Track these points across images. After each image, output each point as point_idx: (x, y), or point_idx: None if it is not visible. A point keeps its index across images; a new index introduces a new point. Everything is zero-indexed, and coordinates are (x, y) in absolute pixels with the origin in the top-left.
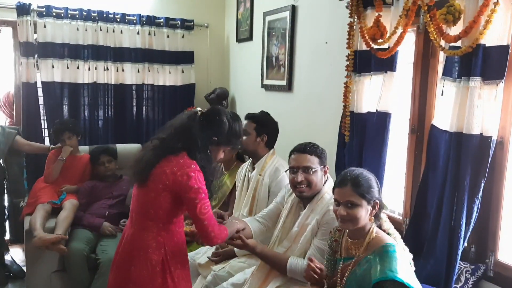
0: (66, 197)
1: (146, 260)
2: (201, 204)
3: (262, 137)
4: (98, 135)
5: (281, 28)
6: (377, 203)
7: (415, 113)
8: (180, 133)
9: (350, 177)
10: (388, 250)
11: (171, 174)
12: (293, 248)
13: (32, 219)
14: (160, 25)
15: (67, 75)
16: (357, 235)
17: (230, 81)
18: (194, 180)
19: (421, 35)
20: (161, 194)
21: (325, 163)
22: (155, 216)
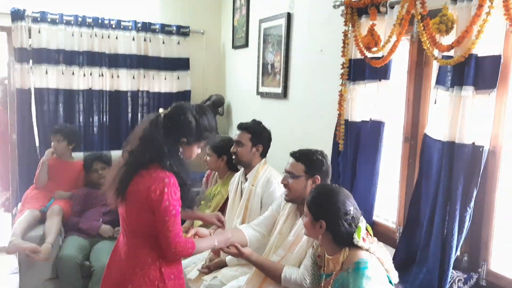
0: (54, 203)
1: (144, 276)
2: (170, 222)
3: (257, 148)
4: (93, 141)
5: (277, 35)
6: (322, 223)
7: (408, 121)
8: (146, 143)
9: (312, 189)
10: (360, 267)
11: (145, 190)
12: (288, 257)
13: (16, 224)
14: (156, 32)
15: (62, 81)
16: (331, 251)
17: (226, 88)
18: (166, 196)
19: (415, 44)
20: (141, 212)
21: (313, 172)
22: (143, 233)
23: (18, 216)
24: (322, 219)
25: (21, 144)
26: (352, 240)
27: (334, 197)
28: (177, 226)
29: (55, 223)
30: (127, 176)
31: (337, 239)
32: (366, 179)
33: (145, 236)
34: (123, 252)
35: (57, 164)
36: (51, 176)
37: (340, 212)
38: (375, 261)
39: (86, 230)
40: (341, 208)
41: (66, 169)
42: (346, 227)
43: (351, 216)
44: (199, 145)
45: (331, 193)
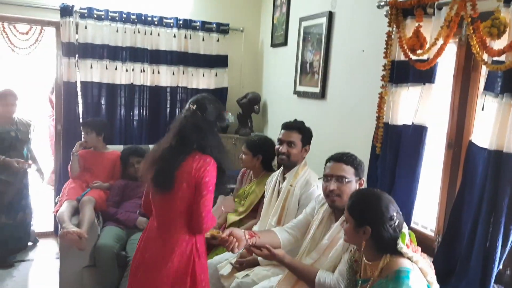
0: (87, 194)
1: (182, 254)
2: (206, 198)
3: (306, 148)
4: (133, 135)
5: (317, 34)
6: (368, 229)
7: (453, 127)
8: (188, 133)
9: (353, 194)
10: (400, 276)
11: (192, 169)
12: (321, 260)
13: (59, 215)
14: (196, 29)
15: (105, 75)
16: (371, 257)
17: (262, 86)
18: (208, 172)
19: (463, 48)
20: (187, 191)
21: (361, 175)
22: (184, 213)
23: (58, 207)
24: (367, 225)
25: (66, 136)
26: (395, 246)
27: (378, 201)
28: (210, 203)
29: (87, 213)
30: (176, 163)
31: (381, 245)
32: (406, 184)
33: (186, 215)
34: (159, 235)
35: (91, 155)
36: (87, 167)
37: (385, 217)
38: (417, 271)
39: (123, 221)
40: (385, 213)
41: (100, 160)
42: (390, 232)
43: (395, 221)
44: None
45: (374, 198)
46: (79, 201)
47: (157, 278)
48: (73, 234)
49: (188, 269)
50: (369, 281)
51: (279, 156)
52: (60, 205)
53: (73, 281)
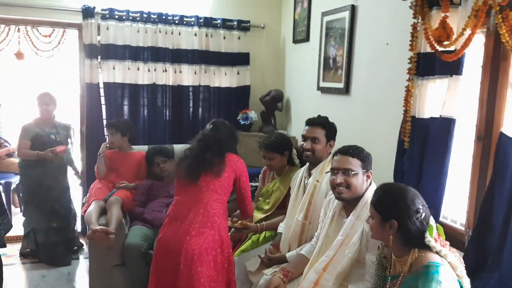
0: (114, 194)
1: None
2: (249, 188)
3: (330, 144)
4: (156, 135)
5: (340, 29)
6: (394, 223)
7: (482, 119)
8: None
9: (377, 189)
10: (430, 271)
11: (236, 162)
12: (337, 257)
13: (87, 215)
14: (217, 27)
15: (128, 76)
16: (397, 253)
17: (285, 83)
18: (245, 167)
19: (491, 37)
20: (229, 182)
21: (368, 167)
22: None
23: (86, 208)
24: (393, 219)
25: (90, 137)
26: (423, 239)
27: (403, 195)
28: (250, 193)
29: (114, 213)
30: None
31: (408, 239)
32: (434, 178)
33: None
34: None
35: (117, 156)
36: (113, 167)
37: (411, 210)
38: (446, 266)
39: (150, 220)
40: (411, 206)
41: (126, 160)
42: (417, 225)
43: (421, 214)
44: None
45: (399, 191)
46: (106, 201)
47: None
48: (100, 232)
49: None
50: (398, 277)
51: (304, 152)
52: (87, 206)
53: (103, 280)
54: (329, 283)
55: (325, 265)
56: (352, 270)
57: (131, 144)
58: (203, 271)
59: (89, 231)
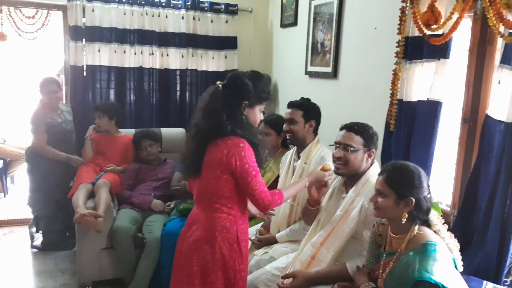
0: (102, 177)
1: (225, 239)
2: (253, 182)
3: (310, 124)
4: (143, 119)
5: (328, 13)
6: (411, 200)
7: (468, 102)
8: (209, 115)
9: (388, 168)
10: (428, 249)
11: (223, 156)
12: (335, 232)
13: (74, 198)
14: (205, 10)
15: (114, 59)
16: (397, 230)
17: (273, 68)
18: (245, 159)
19: (478, 21)
20: (222, 178)
21: (371, 146)
22: (222, 200)
23: (73, 191)
24: (411, 196)
25: (76, 120)
26: (427, 216)
27: (416, 172)
28: (260, 184)
29: (102, 196)
30: (199, 151)
31: (417, 216)
32: (421, 161)
33: (223, 202)
34: (201, 222)
35: (104, 139)
36: (100, 150)
37: (423, 188)
38: (443, 244)
39: (138, 204)
40: (423, 183)
41: (113, 144)
42: (428, 203)
43: (430, 191)
44: (260, 108)
45: (412, 169)
46: (94, 185)
47: (201, 262)
48: (89, 216)
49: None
50: (393, 254)
51: (286, 135)
52: (75, 189)
53: (91, 263)
54: (326, 258)
55: (323, 240)
56: (349, 247)
57: (118, 128)
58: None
59: (76, 215)
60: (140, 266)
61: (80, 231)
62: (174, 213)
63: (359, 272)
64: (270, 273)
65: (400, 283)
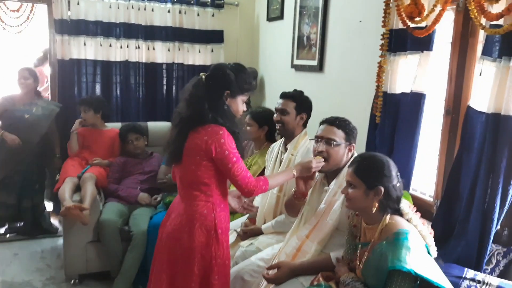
0: (88, 170)
1: (201, 226)
2: (234, 168)
3: (301, 116)
4: (130, 112)
5: (313, 7)
6: (380, 190)
7: (451, 94)
8: (191, 104)
9: (357, 159)
10: (399, 238)
11: (203, 143)
12: (320, 225)
13: (60, 192)
14: (191, 3)
15: (100, 52)
16: (370, 220)
17: (259, 61)
18: (225, 146)
19: (461, 13)
20: (201, 164)
21: (351, 140)
22: (201, 186)
23: (59, 185)
24: (379, 185)
25: (62, 114)
26: (399, 205)
27: (384, 161)
28: (242, 170)
29: (88, 189)
30: (180, 138)
31: (387, 205)
32: (404, 152)
33: (202, 189)
34: (181, 209)
35: (90, 133)
36: (86, 144)
37: (392, 177)
38: (415, 232)
39: (125, 197)
40: (392, 173)
41: (99, 137)
42: (397, 191)
43: (399, 180)
44: (243, 98)
45: (379, 158)
46: (80, 178)
47: (180, 250)
48: (74, 209)
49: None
50: (368, 244)
51: (276, 125)
52: (61, 183)
53: (77, 256)
54: (311, 249)
55: (308, 232)
56: (334, 238)
57: (104, 121)
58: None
59: (62, 208)
60: (127, 259)
61: (66, 225)
62: (160, 206)
63: (339, 263)
64: (255, 264)
65: (376, 273)
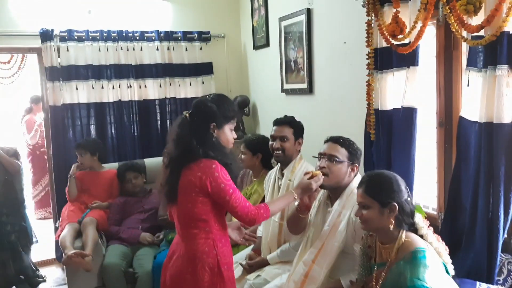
0: (88, 214)
1: (205, 265)
2: (232, 199)
3: (299, 141)
4: (126, 151)
5: (298, 32)
6: (395, 206)
7: (441, 106)
8: (179, 144)
9: (365, 179)
10: (417, 256)
11: (197, 179)
12: (326, 247)
13: (61, 240)
14: (178, 39)
15: (92, 95)
16: (386, 240)
17: (250, 89)
18: (219, 179)
19: (442, 28)
20: (198, 201)
21: (354, 160)
22: (198, 222)
23: (60, 232)
24: (393, 201)
25: (58, 160)
26: (413, 219)
27: (392, 177)
28: (240, 200)
29: (90, 234)
30: (173, 177)
31: (403, 221)
32: (403, 167)
33: (201, 226)
34: (181, 248)
35: (88, 176)
36: (84, 188)
37: (403, 192)
38: (431, 250)
39: (126, 239)
40: (401, 186)
41: (97, 180)
42: (410, 205)
43: (409, 193)
44: (230, 127)
45: (386, 175)
46: (80, 223)
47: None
48: (76, 256)
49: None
50: (385, 264)
51: (274, 152)
52: (61, 230)
53: None
54: (320, 276)
55: (314, 257)
56: (341, 263)
57: (101, 163)
58: None
59: (64, 257)
60: None
61: (69, 273)
62: (163, 244)
63: (353, 287)
64: None
65: None
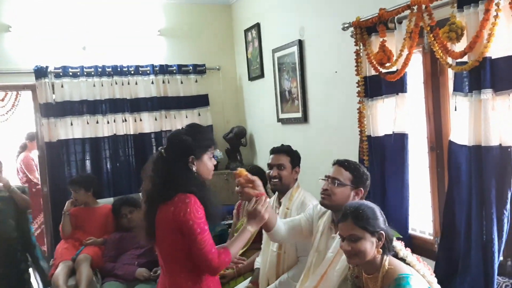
0: (82, 251)
1: None
2: (198, 240)
3: (296, 169)
4: (122, 185)
5: (291, 63)
6: (382, 234)
7: (431, 131)
8: (158, 179)
9: (350, 211)
10: (401, 284)
11: (170, 214)
12: (329, 274)
13: (54, 278)
14: (173, 73)
15: (87, 130)
16: (371, 270)
17: (246, 119)
18: (189, 215)
19: (427, 55)
20: (173, 236)
21: (359, 185)
22: (179, 258)
23: (53, 270)
24: (380, 230)
25: (54, 197)
26: (392, 244)
27: (372, 206)
28: (207, 243)
29: (84, 272)
30: (150, 214)
31: (388, 247)
32: (397, 193)
33: (182, 261)
34: (165, 285)
35: (82, 212)
36: (79, 224)
37: (383, 218)
38: (416, 275)
39: (122, 275)
40: (381, 213)
41: (92, 216)
42: (390, 231)
43: (384, 218)
44: (209, 155)
45: (367, 204)
46: (74, 261)
47: None
48: None
49: None
50: None
51: (271, 181)
52: (55, 268)
53: None
54: None
55: (316, 284)
56: None
57: (96, 198)
58: None
59: None
60: None
61: None
62: None
63: None
64: None
65: None
